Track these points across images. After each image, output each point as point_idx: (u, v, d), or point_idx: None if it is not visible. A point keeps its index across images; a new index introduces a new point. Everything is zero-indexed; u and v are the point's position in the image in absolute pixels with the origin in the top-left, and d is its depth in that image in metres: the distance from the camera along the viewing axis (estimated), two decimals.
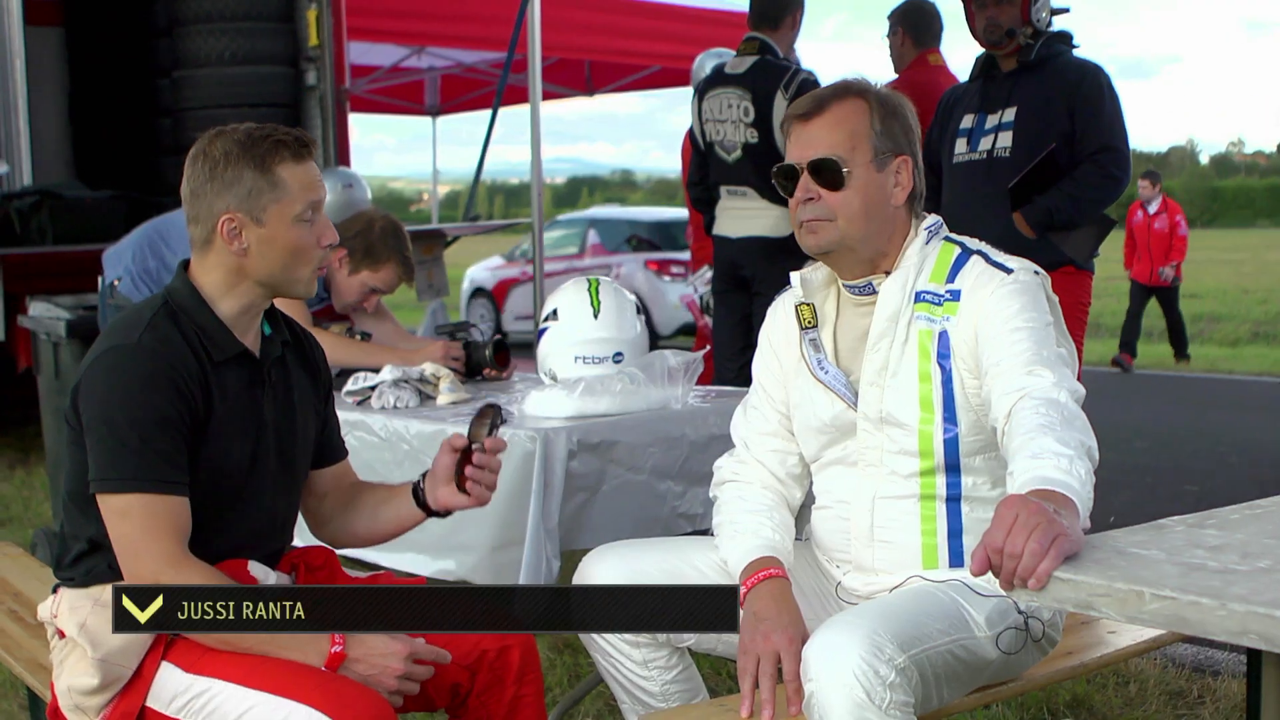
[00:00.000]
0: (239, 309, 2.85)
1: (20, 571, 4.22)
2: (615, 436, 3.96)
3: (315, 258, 2.87)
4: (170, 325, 2.78)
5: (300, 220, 2.81)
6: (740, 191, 6.54)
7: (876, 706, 2.45)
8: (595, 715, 4.31)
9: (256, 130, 2.82)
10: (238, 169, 2.76)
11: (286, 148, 2.80)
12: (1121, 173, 5.32)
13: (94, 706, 2.77)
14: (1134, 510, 5.93)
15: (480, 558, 3.94)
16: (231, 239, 2.78)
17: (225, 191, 2.77)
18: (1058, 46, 5.41)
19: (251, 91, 9.37)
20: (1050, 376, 2.66)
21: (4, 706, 4.58)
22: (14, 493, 8.13)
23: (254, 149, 2.78)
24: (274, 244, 2.80)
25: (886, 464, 2.94)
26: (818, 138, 2.94)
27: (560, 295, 4.42)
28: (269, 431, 2.90)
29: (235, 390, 2.83)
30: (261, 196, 2.77)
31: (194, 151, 2.83)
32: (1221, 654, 4.81)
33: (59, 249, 8.48)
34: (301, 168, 2.82)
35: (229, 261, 2.81)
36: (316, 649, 2.67)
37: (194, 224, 2.84)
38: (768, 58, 6.52)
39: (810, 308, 3.08)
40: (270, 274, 2.82)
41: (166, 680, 2.74)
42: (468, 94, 15.79)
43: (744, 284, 6.61)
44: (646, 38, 12.88)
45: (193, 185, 2.81)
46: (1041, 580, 2.08)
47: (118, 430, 2.67)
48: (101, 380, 2.72)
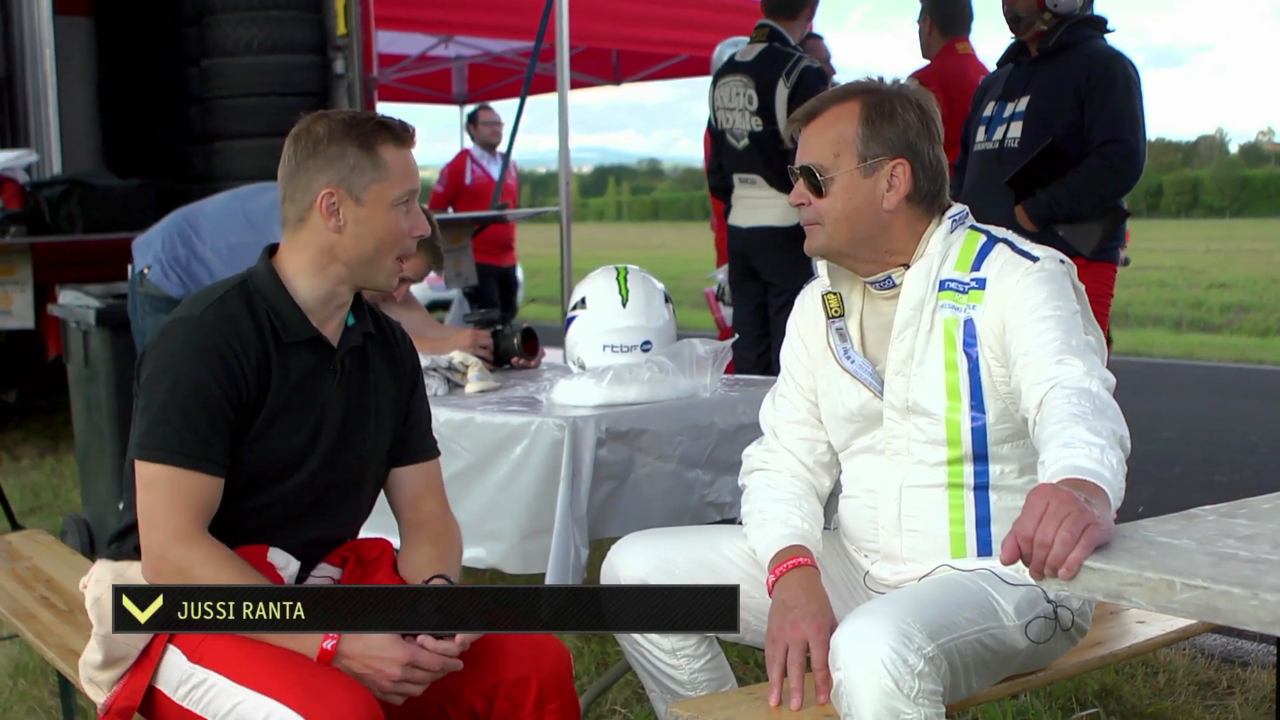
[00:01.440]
0: (320, 295, 2.86)
1: (51, 558, 4.24)
2: (644, 425, 3.97)
3: (404, 247, 2.88)
4: (241, 303, 2.80)
5: (397, 205, 2.83)
6: (750, 179, 6.56)
7: (905, 695, 2.45)
8: (623, 703, 4.32)
9: (360, 113, 2.87)
10: (341, 145, 2.79)
11: (389, 130, 2.83)
12: (1127, 165, 5.20)
13: (104, 681, 2.80)
14: (1163, 500, 5.88)
15: (510, 546, 3.95)
16: (330, 214, 2.79)
17: (328, 167, 2.79)
18: (1085, 32, 5.30)
19: (280, 80, 9.38)
20: (1081, 365, 2.66)
21: (35, 692, 4.60)
22: (44, 480, 8.16)
23: (359, 128, 2.81)
24: (369, 225, 2.81)
25: (914, 453, 2.94)
26: (808, 144, 2.98)
27: (589, 284, 4.42)
28: (334, 420, 2.89)
29: (299, 374, 2.84)
30: (364, 174, 2.79)
31: (295, 131, 2.85)
32: (1251, 645, 4.79)
33: (88, 237, 8.49)
34: (402, 152, 2.85)
35: (321, 240, 2.82)
36: (311, 639, 2.67)
37: (290, 201, 2.85)
38: (775, 45, 6.53)
39: (837, 296, 3.08)
40: (360, 256, 2.83)
41: (172, 666, 2.75)
42: (495, 83, 15.79)
43: (757, 274, 6.62)
44: (674, 26, 12.85)
45: (293, 163, 2.83)
46: (1072, 569, 2.08)
47: (160, 400, 2.69)
48: (158, 351, 2.76)
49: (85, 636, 3.04)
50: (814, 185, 2.95)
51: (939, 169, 2.97)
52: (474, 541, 4.01)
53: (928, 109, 2.98)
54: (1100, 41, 5.35)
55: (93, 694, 2.85)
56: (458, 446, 4.02)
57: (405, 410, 3.07)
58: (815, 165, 2.94)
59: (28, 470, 8.48)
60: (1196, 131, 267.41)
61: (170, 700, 2.76)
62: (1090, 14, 5.37)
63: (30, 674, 4.75)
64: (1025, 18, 5.33)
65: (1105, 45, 5.35)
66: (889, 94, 2.96)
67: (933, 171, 2.96)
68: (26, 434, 9.69)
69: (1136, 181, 5.30)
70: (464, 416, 4.04)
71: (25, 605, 3.81)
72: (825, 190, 2.93)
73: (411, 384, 3.10)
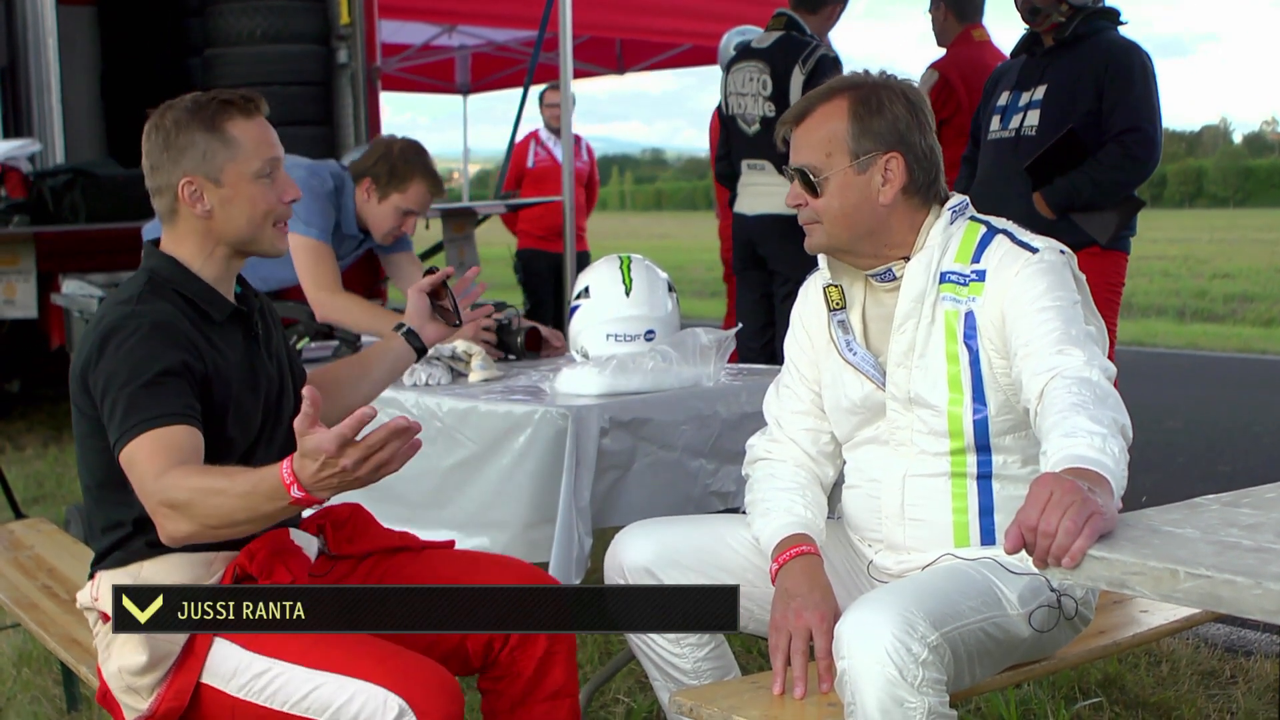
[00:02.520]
0: (220, 271, 2.89)
1: (54, 548, 4.25)
2: (647, 414, 3.96)
3: (278, 214, 2.90)
4: (159, 298, 2.80)
5: (259, 178, 2.84)
6: (759, 165, 6.57)
7: (909, 684, 2.45)
8: (627, 692, 4.32)
9: (203, 95, 2.86)
10: (189, 133, 2.81)
11: (234, 106, 2.84)
12: (1146, 154, 5.26)
13: (147, 685, 2.76)
14: (1167, 489, 5.90)
15: (513, 535, 3.94)
16: (194, 202, 2.82)
17: (181, 158, 2.81)
18: (1099, 23, 5.35)
19: (283, 70, 9.38)
20: (1081, 355, 2.65)
21: (39, 682, 4.61)
22: (47, 469, 8.17)
23: (201, 112, 2.82)
24: (236, 203, 2.84)
25: (917, 443, 2.94)
26: (801, 144, 2.98)
27: (592, 273, 4.42)
28: (273, 381, 2.95)
29: (236, 348, 2.87)
30: (216, 156, 2.81)
31: (147, 128, 2.88)
32: (1255, 634, 4.79)
33: (91, 227, 8.49)
34: (253, 123, 2.86)
35: (197, 226, 2.85)
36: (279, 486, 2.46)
37: (157, 196, 2.88)
38: (793, 34, 6.55)
39: (838, 289, 3.08)
40: (237, 232, 2.86)
41: (224, 657, 2.74)
42: (499, 72, 15.78)
43: (762, 262, 6.62)
44: (678, 16, 12.84)
45: (151, 160, 2.86)
46: (1076, 558, 2.08)
47: (126, 388, 2.66)
48: (104, 353, 2.72)
49: (88, 627, 3.04)
50: (809, 186, 2.94)
51: (932, 158, 2.96)
52: (477, 530, 4.01)
53: (915, 99, 2.97)
54: (1115, 33, 5.40)
55: (132, 703, 2.80)
56: (461, 435, 4.02)
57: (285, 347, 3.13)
58: (808, 166, 2.94)
59: (31, 459, 8.48)
60: (1200, 121, 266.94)
61: (224, 694, 2.74)
62: (1104, 6, 5.40)
63: (33, 663, 4.75)
64: (1043, 9, 5.37)
65: (1120, 37, 5.40)
66: (875, 87, 2.95)
67: (926, 161, 2.95)
68: (30, 423, 9.70)
69: (1154, 170, 5.35)
70: (467, 405, 4.04)
71: (28, 594, 3.82)
72: (820, 190, 2.93)
73: (276, 318, 3.16)
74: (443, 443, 4.04)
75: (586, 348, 4.33)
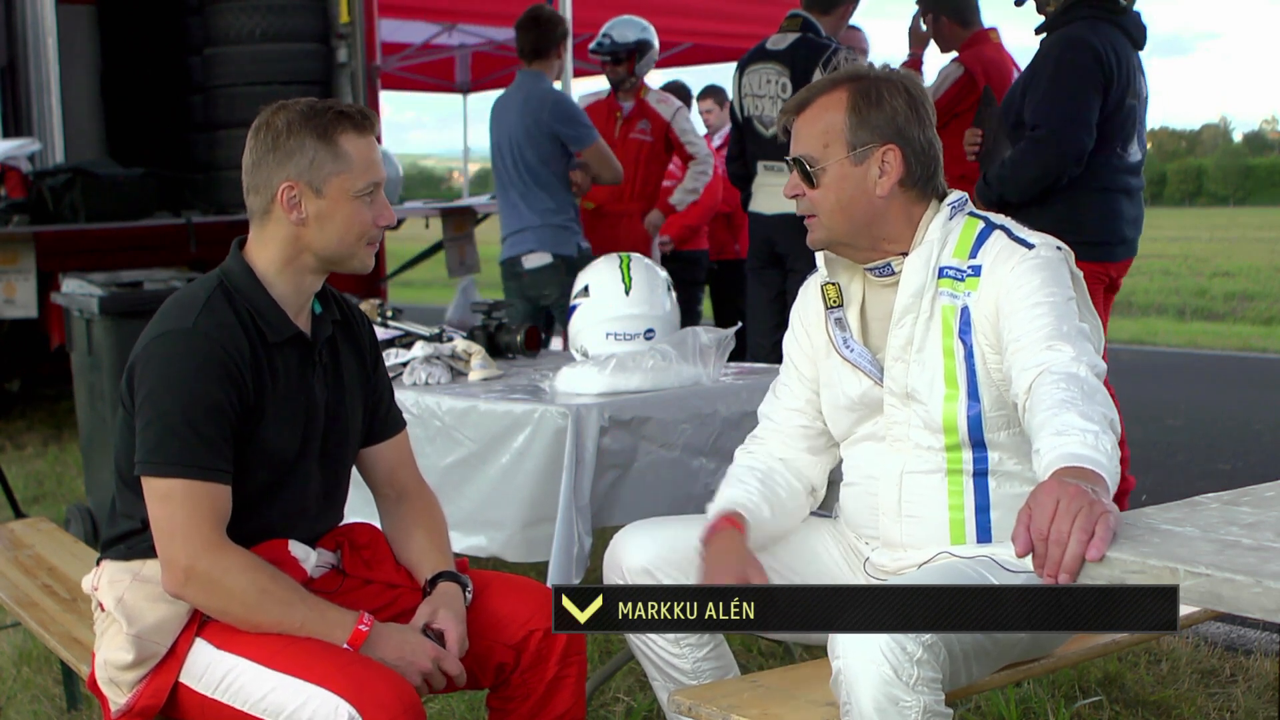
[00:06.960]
0: (294, 287, 2.86)
1: (55, 547, 4.25)
2: (647, 413, 3.97)
3: (372, 236, 2.87)
4: (225, 307, 2.79)
5: (360, 196, 2.81)
6: (777, 167, 6.54)
7: (904, 683, 2.45)
8: (626, 691, 4.32)
9: (319, 102, 2.84)
10: (300, 138, 2.77)
11: (349, 119, 2.81)
12: (1047, 150, 5.14)
13: (128, 681, 2.78)
14: (1167, 488, 5.90)
15: (512, 534, 3.95)
16: (291, 208, 2.78)
17: (287, 161, 2.78)
18: (1080, 12, 5.24)
19: (283, 69, 9.36)
20: (1070, 351, 2.65)
21: (38, 680, 4.61)
22: (48, 469, 8.17)
23: (316, 119, 2.79)
24: (332, 217, 2.81)
25: (913, 439, 2.94)
26: (800, 135, 2.98)
27: (592, 272, 4.42)
28: (320, 414, 2.91)
29: (288, 373, 2.85)
30: (323, 167, 2.78)
31: (256, 124, 2.84)
32: (1254, 633, 4.78)
33: (91, 226, 8.48)
34: (364, 141, 2.82)
35: (287, 232, 2.81)
36: (344, 624, 2.69)
37: (253, 194, 2.84)
38: (809, 35, 6.52)
39: (835, 287, 3.08)
40: (326, 247, 2.83)
41: (199, 656, 2.76)
42: (499, 71, 15.70)
43: (779, 260, 6.62)
44: (678, 14, 12.81)
45: (254, 156, 2.82)
46: (1098, 559, 2.08)
47: (167, 416, 2.68)
48: (155, 365, 2.73)
49: (88, 625, 3.05)
50: (806, 176, 2.95)
51: (931, 153, 2.96)
52: (476, 529, 4.01)
53: (916, 93, 2.97)
54: (1081, 24, 5.24)
55: (112, 695, 2.82)
56: (460, 434, 4.02)
57: (372, 389, 3.09)
58: (806, 156, 2.95)
59: (31, 459, 8.48)
60: (1201, 120, 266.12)
61: (196, 693, 2.76)
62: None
63: (34, 662, 4.75)
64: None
65: (1076, 29, 5.24)
66: (876, 80, 2.96)
67: (924, 156, 2.95)
68: (30, 422, 9.70)
69: (1064, 167, 5.16)
70: (467, 404, 4.04)
71: (28, 593, 3.82)
72: (817, 181, 2.94)
73: (374, 361, 3.13)
74: (442, 441, 4.05)
75: (586, 346, 4.33)
